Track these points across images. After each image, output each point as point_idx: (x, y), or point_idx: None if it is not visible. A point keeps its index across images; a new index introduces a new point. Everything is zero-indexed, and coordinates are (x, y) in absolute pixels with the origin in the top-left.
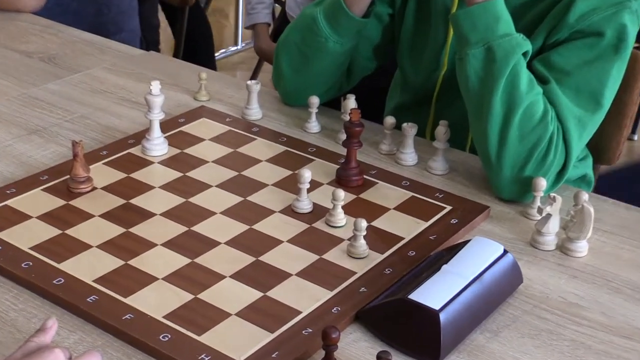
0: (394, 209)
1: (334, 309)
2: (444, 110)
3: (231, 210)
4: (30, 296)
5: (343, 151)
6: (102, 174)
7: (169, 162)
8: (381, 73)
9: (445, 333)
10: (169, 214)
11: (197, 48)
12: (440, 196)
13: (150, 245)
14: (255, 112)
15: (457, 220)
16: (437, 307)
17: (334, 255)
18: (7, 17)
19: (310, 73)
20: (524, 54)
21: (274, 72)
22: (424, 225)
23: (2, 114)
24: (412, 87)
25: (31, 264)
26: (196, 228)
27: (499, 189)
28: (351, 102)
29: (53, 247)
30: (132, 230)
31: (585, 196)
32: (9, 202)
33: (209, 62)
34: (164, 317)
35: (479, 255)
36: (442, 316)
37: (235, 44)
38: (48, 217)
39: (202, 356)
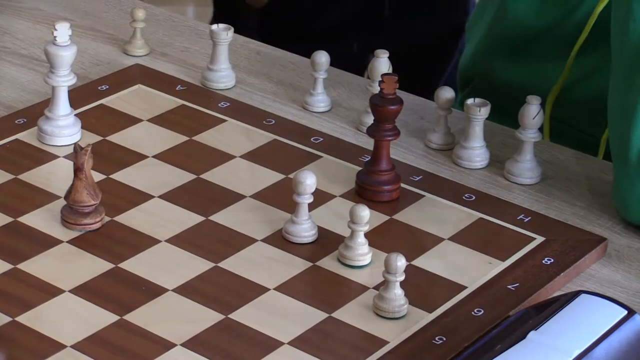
0: (451, 239)
1: None
2: (593, 70)
3: (184, 238)
4: None
5: (368, 143)
6: None
7: None
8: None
9: None
10: (81, 242)
11: None
12: (527, 220)
13: (51, 291)
14: (224, 77)
15: (552, 260)
16: None
17: (353, 314)
18: None
19: None
20: None
21: None
22: (500, 266)
23: None
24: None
25: None
26: (125, 265)
27: (629, 207)
28: (383, 63)
29: None
30: (21, 267)
31: None
32: None
33: None
34: None
35: (588, 317)
36: None
37: None
38: None
39: None
